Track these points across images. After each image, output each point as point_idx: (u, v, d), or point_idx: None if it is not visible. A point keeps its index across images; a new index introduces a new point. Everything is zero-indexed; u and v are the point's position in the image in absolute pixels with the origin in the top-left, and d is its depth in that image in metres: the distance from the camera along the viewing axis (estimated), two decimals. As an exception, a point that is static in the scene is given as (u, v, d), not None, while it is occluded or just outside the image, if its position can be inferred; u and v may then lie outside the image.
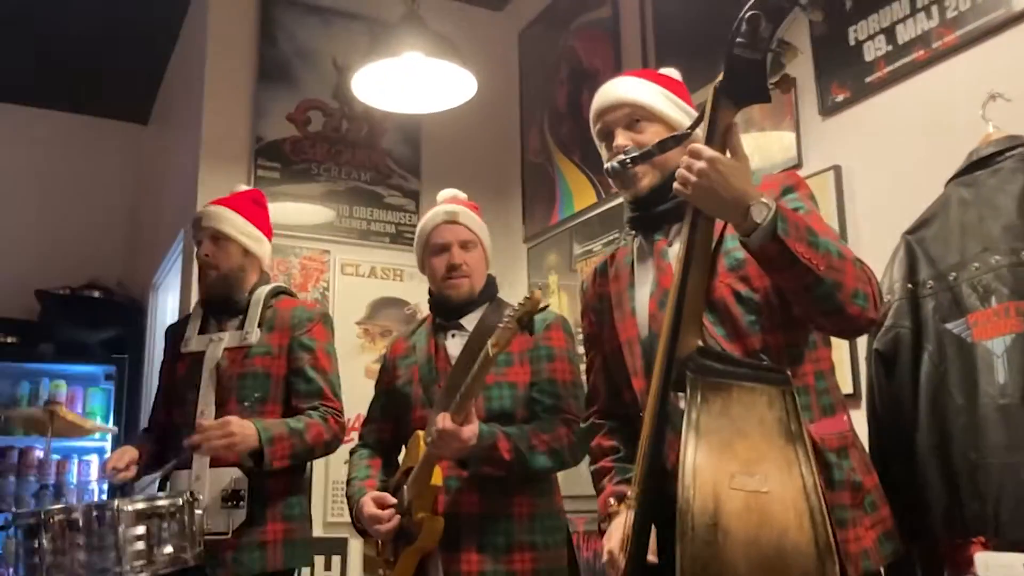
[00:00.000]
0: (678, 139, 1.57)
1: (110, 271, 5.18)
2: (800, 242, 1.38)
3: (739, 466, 1.26)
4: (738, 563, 1.20)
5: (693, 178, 1.40)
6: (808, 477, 1.25)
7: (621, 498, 1.66)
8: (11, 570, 2.01)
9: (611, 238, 3.37)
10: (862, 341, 2.20)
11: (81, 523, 1.97)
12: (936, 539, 1.80)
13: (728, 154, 1.44)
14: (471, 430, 1.96)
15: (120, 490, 2.34)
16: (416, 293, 3.86)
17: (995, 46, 2.10)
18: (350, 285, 3.75)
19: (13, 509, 4.00)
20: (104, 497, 4.57)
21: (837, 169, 2.42)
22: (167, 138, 4.77)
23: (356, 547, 3.52)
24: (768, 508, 1.23)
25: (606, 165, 1.67)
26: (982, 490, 1.73)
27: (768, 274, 1.49)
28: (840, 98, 2.45)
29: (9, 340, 4.81)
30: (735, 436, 1.30)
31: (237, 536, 2.26)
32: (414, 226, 3.94)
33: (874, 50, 2.37)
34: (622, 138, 1.69)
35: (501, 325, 1.91)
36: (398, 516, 2.10)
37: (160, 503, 2.09)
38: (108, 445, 4.46)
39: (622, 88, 1.74)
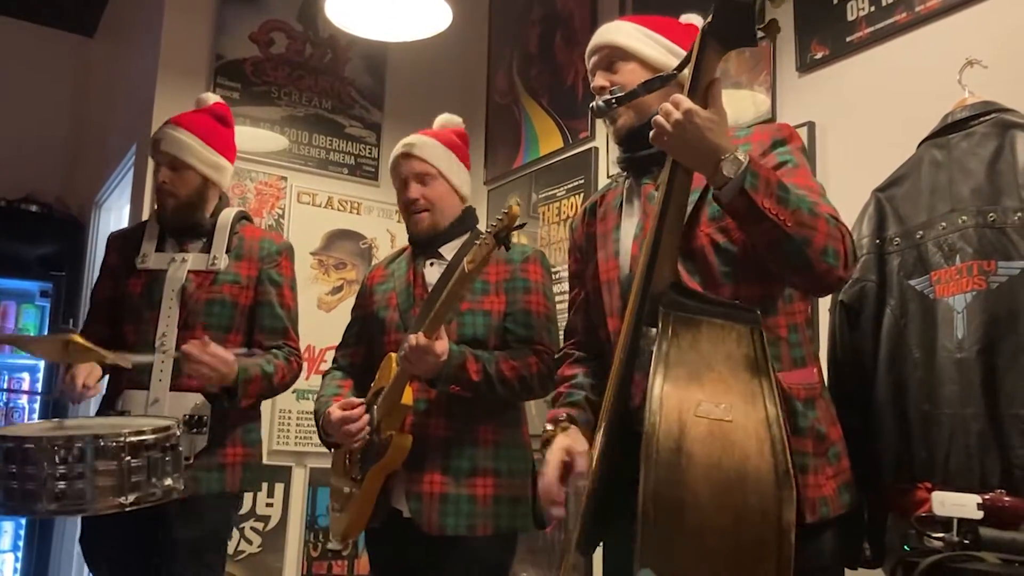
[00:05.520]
0: (664, 79, 1.57)
1: (48, 187, 4.98)
2: (769, 198, 1.39)
3: (705, 396, 1.29)
4: (699, 486, 1.23)
5: (669, 128, 1.41)
6: (771, 409, 1.28)
7: (556, 422, 1.70)
8: None
9: (575, 183, 3.37)
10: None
11: (76, 451, 1.84)
12: (884, 485, 1.86)
13: (708, 104, 1.43)
14: (443, 345, 1.97)
15: (54, 409, 2.23)
16: (373, 227, 3.83)
17: (975, 13, 2.13)
18: (306, 214, 3.69)
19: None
20: (35, 417, 4.46)
21: (811, 125, 2.45)
22: (118, 52, 4.58)
23: (300, 475, 3.51)
24: (731, 435, 1.26)
25: (591, 104, 1.69)
26: (933, 439, 1.78)
27: (741, 229, 1.50)
28: (819, 55, 2.47)
29: (-61, 249, 4.62)
30: (703, 369, 1.33)
31: (196, 459, 2.23)
32: (374, 159, 3.92)
33: (857, 10, 2.39)
34: (599, 79, 1.74)
35: (478, 242, 1.90)
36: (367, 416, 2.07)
37: (159, 435, 1.95)
38: (41, 363, 4.31)
39: (602, 31, 1.79)
